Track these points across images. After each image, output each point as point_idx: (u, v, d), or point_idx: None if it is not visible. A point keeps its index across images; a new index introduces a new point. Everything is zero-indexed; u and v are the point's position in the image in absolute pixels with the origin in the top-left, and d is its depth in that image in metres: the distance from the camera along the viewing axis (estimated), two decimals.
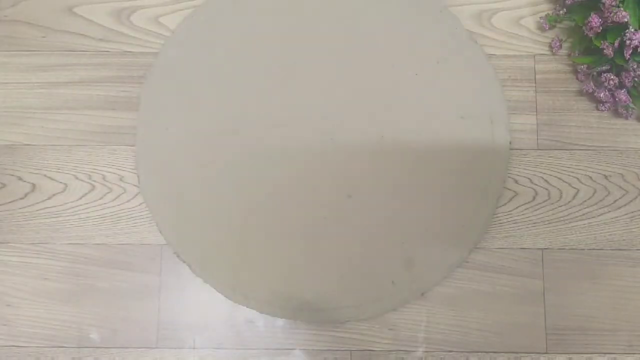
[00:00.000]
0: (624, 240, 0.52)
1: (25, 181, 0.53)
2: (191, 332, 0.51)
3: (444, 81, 0.53)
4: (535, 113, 0.54)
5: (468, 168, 0.52)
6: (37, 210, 0.53)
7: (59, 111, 0.54)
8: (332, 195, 0.52)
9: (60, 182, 0.53)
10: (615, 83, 0.51)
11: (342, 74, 0.54)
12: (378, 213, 0.51)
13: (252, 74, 0.53)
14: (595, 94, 0.52)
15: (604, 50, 0.50)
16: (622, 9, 0.48)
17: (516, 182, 0.53)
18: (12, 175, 0.54)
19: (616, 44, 0.49)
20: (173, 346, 0.51)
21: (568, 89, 0.55)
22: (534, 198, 0.53)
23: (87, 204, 0.53)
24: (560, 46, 0.54)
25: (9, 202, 0.53)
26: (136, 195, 0.53)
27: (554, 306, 0.52)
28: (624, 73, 0.51)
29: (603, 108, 0.53)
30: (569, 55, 0.55)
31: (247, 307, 0.51)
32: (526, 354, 0.51)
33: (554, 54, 0.55)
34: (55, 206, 0.53)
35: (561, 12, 0.54)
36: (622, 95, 0.51)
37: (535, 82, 0.55)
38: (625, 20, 0.48)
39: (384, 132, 0.52)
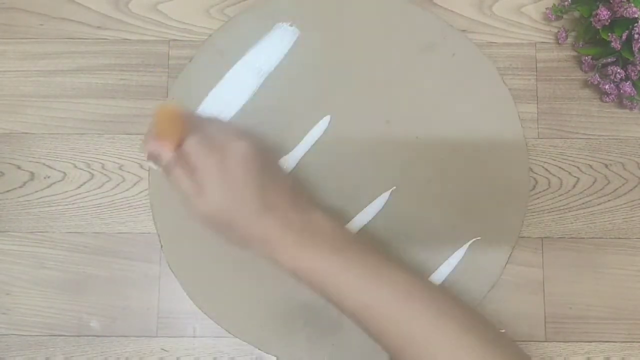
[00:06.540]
0: (623, 229, 0.52)
1: (23, 170, 0.53)
2: (191, 321, 0.51)
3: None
4: (535, 102, 0.54)
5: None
6: (35, 199, 0.53)
7: (57, 99, 0.54)
8: None
9: (59, 171, 0.53)
10: (622, 76, 0.51)
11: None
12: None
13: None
14: (601, 86, 0.52)
15: (612, 43, 0.50)
16: (632, 4, 0.48)
17: None
18: (11, 163, 0.53)
19: (623, 37, 0.49)
20: (173, 335, 0.51)
21: (569, 78, 0.55)
22: (534, 187, 0.53)
23: (86, 192, 0.53)
24: (566, 37, 0.54)
25: (8, 191, 0.53)
26: (135, 183, 0.53)
27: (553, 295, 0.52)
28: (629, 66, 0.51)
29: (608, 100, 0.53)
30: (572, 45, 0.55)
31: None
32: (525, 343, 0.51)
33: (560, 45, 0.54)
34: (54, 195, 0.53)
35: (566, 3, 0.53)
36: (627, 87, 0.51)
37: (536, 71, 0.54)
38: (636, 16, 0.48)
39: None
